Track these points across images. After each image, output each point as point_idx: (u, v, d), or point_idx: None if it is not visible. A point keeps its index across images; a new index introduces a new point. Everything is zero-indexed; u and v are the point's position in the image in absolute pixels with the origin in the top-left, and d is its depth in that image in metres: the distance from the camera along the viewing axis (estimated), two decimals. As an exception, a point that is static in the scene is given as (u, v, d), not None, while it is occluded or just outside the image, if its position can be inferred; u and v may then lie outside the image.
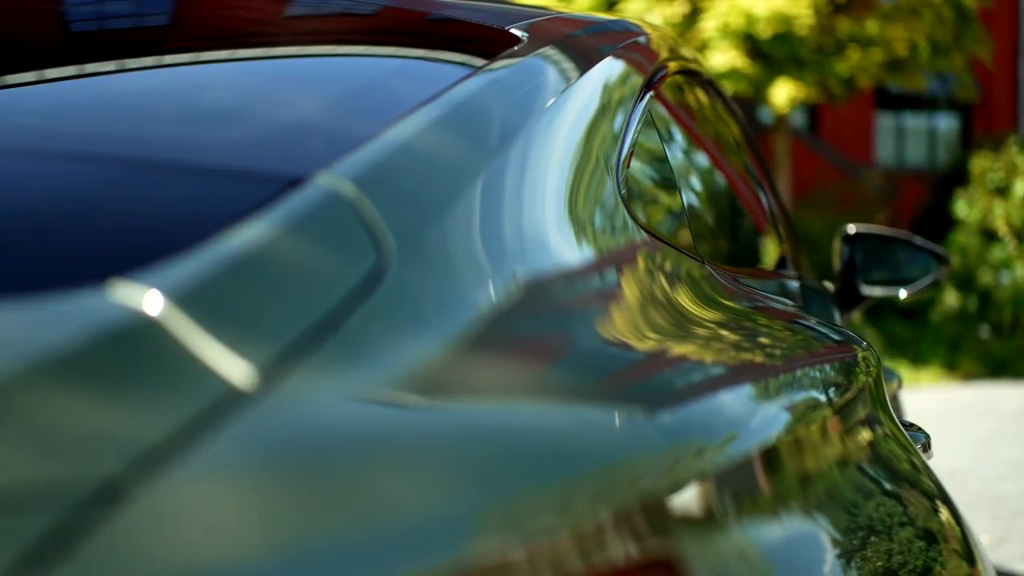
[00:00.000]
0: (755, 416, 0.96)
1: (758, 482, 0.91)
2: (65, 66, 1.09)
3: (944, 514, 1.22)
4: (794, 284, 2.17)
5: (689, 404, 0.88)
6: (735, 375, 1.01)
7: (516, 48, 1.19)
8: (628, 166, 1.21)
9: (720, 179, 1.97)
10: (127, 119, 0.92)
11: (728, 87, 10.14)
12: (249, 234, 0.65)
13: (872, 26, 10.37)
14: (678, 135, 1.70)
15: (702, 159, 1.87)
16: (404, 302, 0.70)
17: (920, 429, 1.48)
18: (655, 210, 1.36)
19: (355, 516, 0.51)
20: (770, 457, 0.94)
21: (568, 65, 1.22)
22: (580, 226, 1.01)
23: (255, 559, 0.47)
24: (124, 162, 0.80)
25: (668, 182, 1.43)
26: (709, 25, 10.02)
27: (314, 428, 0.55)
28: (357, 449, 0.56)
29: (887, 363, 9.79)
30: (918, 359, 11.49)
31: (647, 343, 0.94)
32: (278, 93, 1.04)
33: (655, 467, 0.76)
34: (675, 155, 1.60)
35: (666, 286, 1.09)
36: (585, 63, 1.25)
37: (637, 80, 1.38)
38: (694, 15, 10.22)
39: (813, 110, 17.91)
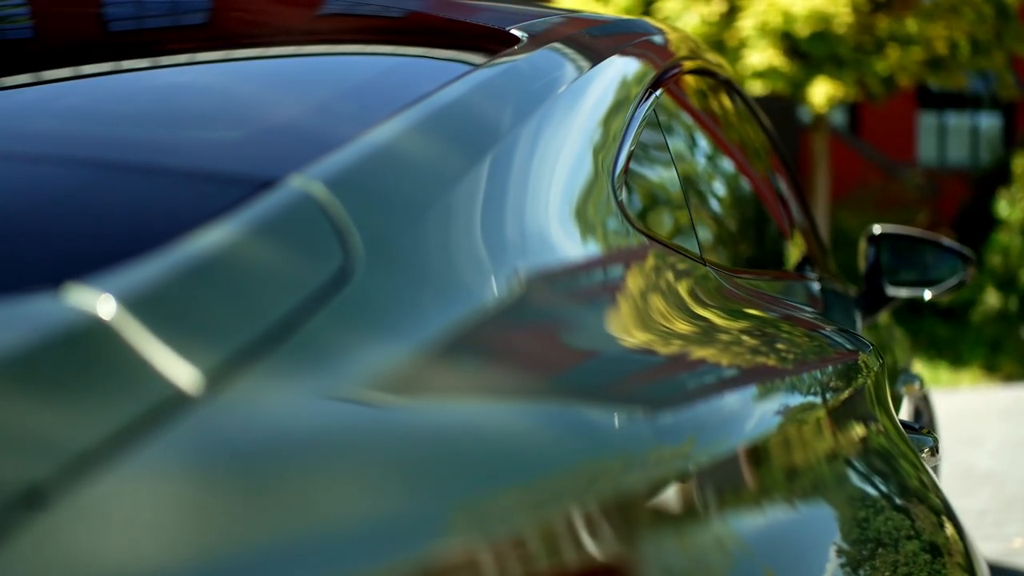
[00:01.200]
0: (742, 417, 0.95)
1: (745, 484, 0.90)
2: (46, 68, 1.09)
3: (940, 518, 1.21)
4: (814, 286, 2.15)
5: (669, 405, 0.87)
6: (720, 376, 1.00)
7: (514, 48, 1.18)
8: (628, 166, 1.20)
9: (735, 180, 1.96)
10: (105, 121, 0.92)
11: (766, 86, 10.09)
12: (212, 236, 0.65)
13: (912, 24, 10.28)
14: (689, 135, 1.69)
15: (716, 160, 1.85)
16: (371, 305, 0.70)
17: (929, 433, 1.46)
18: (656, 211, 1.34)
19: (288, 521, 0.51)
20: (756, 459, 0.93)
21: (568, 65, 1.21)
22: (568, 228, 1.00)
23: (179, 563, 0.47)
24: (97, 164, 0.80)
25: (673, 183, 1.42)
26: (747, 24, 9.96)
27: (258, 432, 0.55)
28: (300, 453, 0.55)
29: (925, 364, 9.68)
30: (958, 360, 11.39)
31: (627, 344, 0.93)
32: (268, 94, 1.04)
33: (625, 471, 0.75)
34: (684, 155, 1.59)
35: (657, 288, 1.08)
36: (586, 63, 1.24)
37: (643, 79, 1.37)
38: (731, 14, 10.17)
39: (854, 109, 17.80)
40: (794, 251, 2.21)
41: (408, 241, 0.79)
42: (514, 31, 1.27)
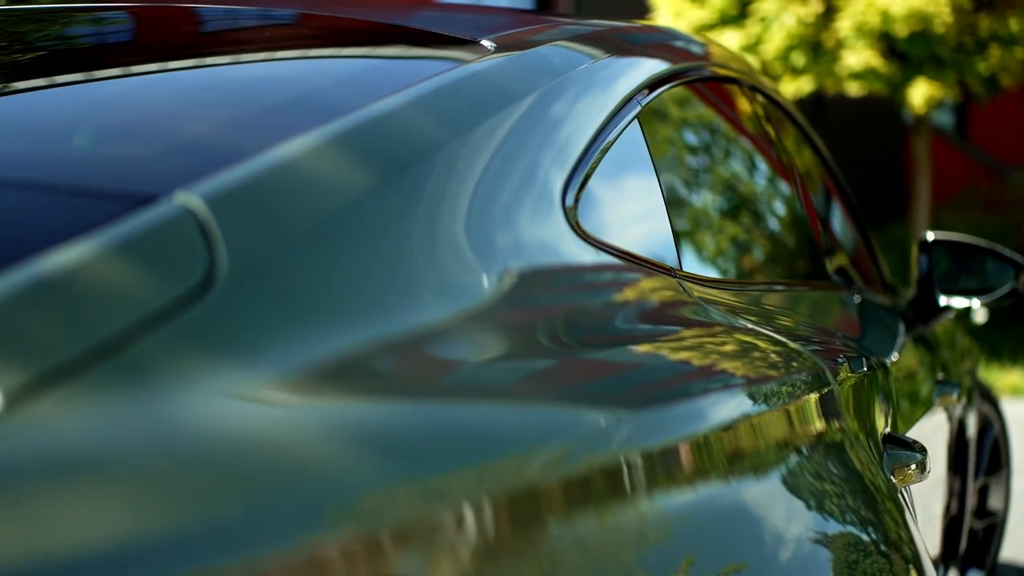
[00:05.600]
0: (675, 425, 0.94)
1: (675, 493, 0.88)
2: None
3: (891, 521, 1.18)
4: (847, 296, 2.10)
5: (597, 411, 0.86)
6: (655, 386, 0.98)
7: (472, 58, 1.16)
8: (592, 173, 1.17)
9: (744, 190, 1.91)
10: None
11: (863, 87, 9.93)
12: (57, 255, 0.65)
13: (1014, 23, 10.02)
14: (689, 143, 1.67)
15: (720, 169, 1.81)
16: (225, 325, 0.69)
17: (922, 449, 1.42)
18: (628, 219, 1.31)
19: (44, 542, 0.51)
20: (692, 465, 0.92)
21: (529, 74, 1.17)
22: (491, 240, 0.97)
23: None
24: None
25: (655, 190, 1.38)
26: (844, 24, 9.80)
27: (43, 452, 0.55)
28: (80, 474, 0.55)
29: (1015, 372, 9.42)
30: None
31: (538, 361, 0.91)
32: (190, 109, 1.03)
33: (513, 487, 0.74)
34: (676, 163, 1.56)
35: (597, 299, 1.06)
36: (554, 70, 1.22)
37: (623, 87, 1.34)
38: (829, 14, 10.01)
39: (962, 111, 17.42)
40: (825, 262, 2.16)
41: (294, 262, 0.77)
42: (484, 41, 1.25)
